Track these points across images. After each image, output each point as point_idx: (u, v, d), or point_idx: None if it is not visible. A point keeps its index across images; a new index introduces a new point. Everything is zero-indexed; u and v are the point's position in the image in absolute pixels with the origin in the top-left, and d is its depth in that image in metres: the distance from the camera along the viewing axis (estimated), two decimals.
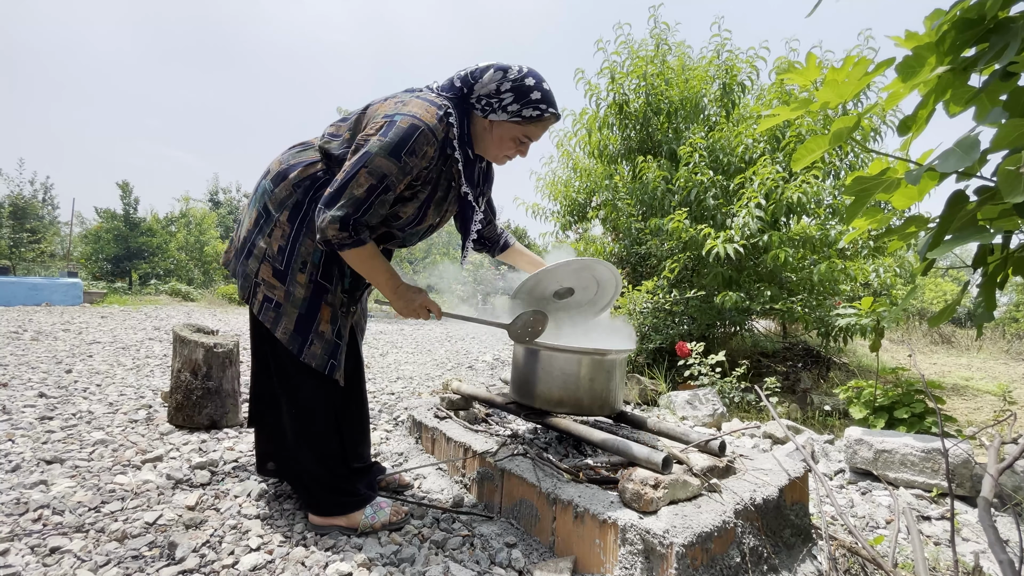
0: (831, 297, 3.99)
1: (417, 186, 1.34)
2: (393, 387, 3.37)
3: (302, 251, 1.36)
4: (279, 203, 1.37)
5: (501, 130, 1.36)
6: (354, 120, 1.38)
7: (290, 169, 1.39)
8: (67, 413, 2.31)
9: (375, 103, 1.37)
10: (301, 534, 1.41)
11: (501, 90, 1.31)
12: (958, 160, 0.84)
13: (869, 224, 1.36)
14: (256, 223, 1.40)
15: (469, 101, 1.36)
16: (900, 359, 6.33)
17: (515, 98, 1.31)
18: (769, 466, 1.55)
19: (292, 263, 1.35)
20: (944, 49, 0.90)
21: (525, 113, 1.32)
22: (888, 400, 2.50)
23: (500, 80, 1.31)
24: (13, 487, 1.56)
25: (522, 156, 1.44)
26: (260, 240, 1.38)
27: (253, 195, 1.46)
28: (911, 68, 0.95)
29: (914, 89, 1.01)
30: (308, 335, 1.36)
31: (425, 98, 1.31)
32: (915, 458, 1.95)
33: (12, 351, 3.68)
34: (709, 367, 3.29)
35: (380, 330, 7.26)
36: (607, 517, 1.20)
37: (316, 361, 1.36)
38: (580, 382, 1.66)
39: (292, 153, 1.44)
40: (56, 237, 14.19)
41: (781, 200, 3.58)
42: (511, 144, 1.39)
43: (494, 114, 1.34)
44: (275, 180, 1.39)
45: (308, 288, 1.36)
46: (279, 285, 1.36)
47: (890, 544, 1.56)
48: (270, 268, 1.36)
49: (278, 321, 1.35)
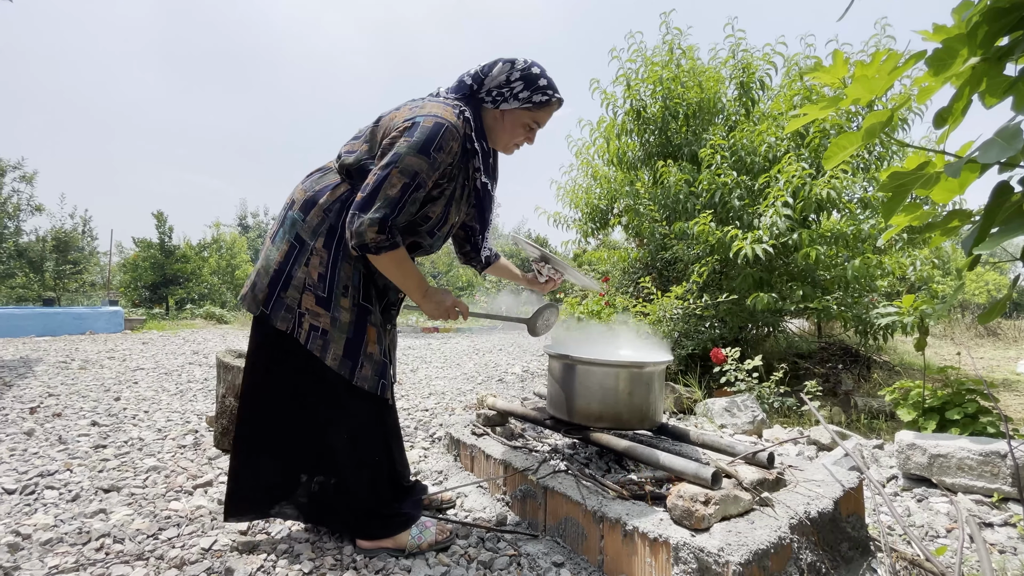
0: (868, 293, 3.88)
1: (443, 183, 1.42)
2: (426, 403, 3.40)
3: (342, 276, 1.38)
4: (312, 231, 1.39)
5: (512, 117, 1.46)
6: (368, 133, 1.43)
7: (317, 195, 1.41)
8: (119, 440, 2.40)
9: (385, 115, 1.42)
10: (351, 557, 1.43)
11: (511, 79, 1.42)
12: (1000, 150, 0.82)
13: (908, 220, 1.32)
14: (289, 254, 1.39)
15: (479, 96, 1.45)
16: (944, 354, 6.09)
17: (525, 85, 1.42)
18: (820, 477, 1.51)
19: (335, 289, 1.37)
20: (977, 40, 0.88)
21: (535, 99, 1.43)
22: (938, 401, 2.41)
23: (509, 71, 1.42)
24: (75, 516, 1.62)
25: (529, 143, 1.55)
26: (297, 271, 1.38)
27: (279, 228, 1.45)
28: (942, 61, 0.93)
29: (946, 82, 0.99)
30: (358, 358, 1.38)
31: (439, 100, 1.41)
32: (972, 462, 1.87)
33: (63, 380, 3.85)
34: (745, 372, 3.23)
35: (408, 345, 7.34)
36: (658, 535, 1.18)
37: (368, 383, 1.39)
38: (619, 396, 1.65)
39: (314, 180, 1.46)
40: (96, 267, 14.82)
41: (810, 197, 3.51)
42: (521, 131, 1.49)
43: (506, 103, 1.44)
44: (304, 208, 1.41)
45: (352, 312, 1.39)
46: (324, 312, 1.37)
47: (954, 554, 1.50)
48: (312, 297, 1.37)
49: (327, 348, 1.37)
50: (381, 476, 1.44)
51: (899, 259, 3.71)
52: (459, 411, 3.18)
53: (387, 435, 1.47)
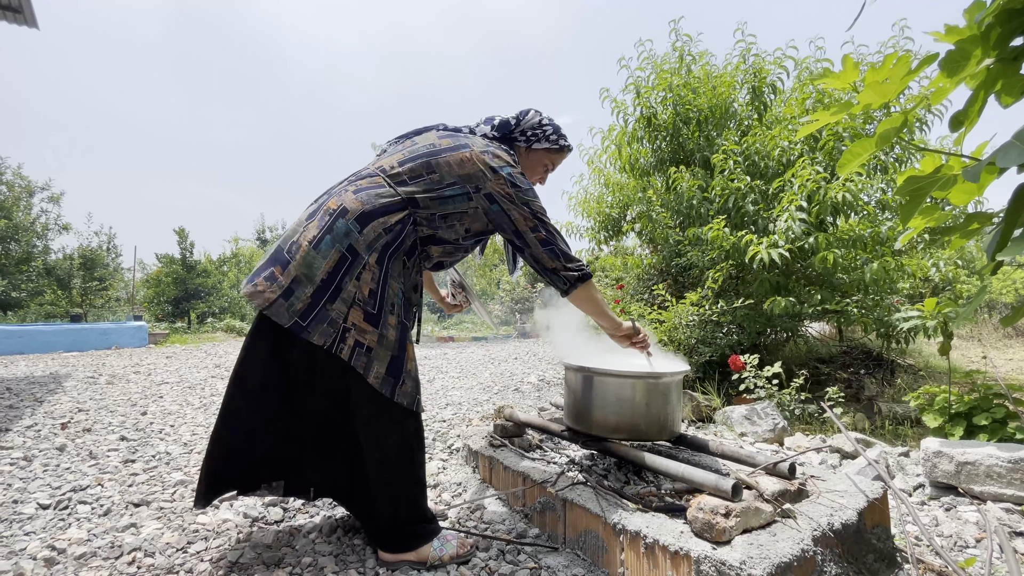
0: (889, 296, 3.81)
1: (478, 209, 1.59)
2: (443, 414, 3.42)
3: (390, 293, 1.40)
4: (368, 245, 1.37)
5: (536, 157, 1.71)
6: (425, 164, 1.48)
7: (376, 211, 1.39)
8: (147, 455, 2.46)
9: (446, 149, 1.50)
10: (374, 570, 1.45)
11: (543, 124, 1.69)
12: (1019, 153, 0.82)
13: (927, 223, 1.31)
14: (340, 265, 1.35)
15: (513, 135, 1.68)
16: (971, 356, 5.93)
17: (553, 130, 1.70)
18: (843, 487, 1.49)
19: (384, 306, 1.38)
20: (991, 42, 0.88)
21: (560, 143, 1.71)
22: (965, 406, 2.36)
23: (540, 118, 1.70)
24: (107, 531, 1.67)
25: (541, 184, 1.79)
26: (348, 283, 1.35)
27: (324, 234, 1.36)
28: (956, 63, 0.93)
29: (960, 83, 0.98)
30: (400, 376, 1.40)
31: (499, 147, 1.57)
32: (1001, 469, 1.83)
33: (91, 396, 3.96)
34: (765, 379, 3.19)
35: (424, 355, 7.38)
36: (679, 548, 1.18)
37: (407, 400, 1.41)
38: (636, 407, 1.65)
39: (370, 193, 1.42)
40: (121, 283, 15.21)
41: (825, 201, 3.47)
42: (540, 170, 1.74)
43: (538, 143, 1.69)
44: (361, 220, 1.37)
45: (398, 329, 1.41)
46: (371, 329, 1.36)
47: (983, 565, 1.46)
48: (361, 312, 1.35)
49: (370, 366, 1.36)
50: (407, 493, 1.46)
51: (920, 261, 3.65)
52: (476, 422, 3.20)
53: (416, 449, 1.49)
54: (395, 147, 1.59)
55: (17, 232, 10.79)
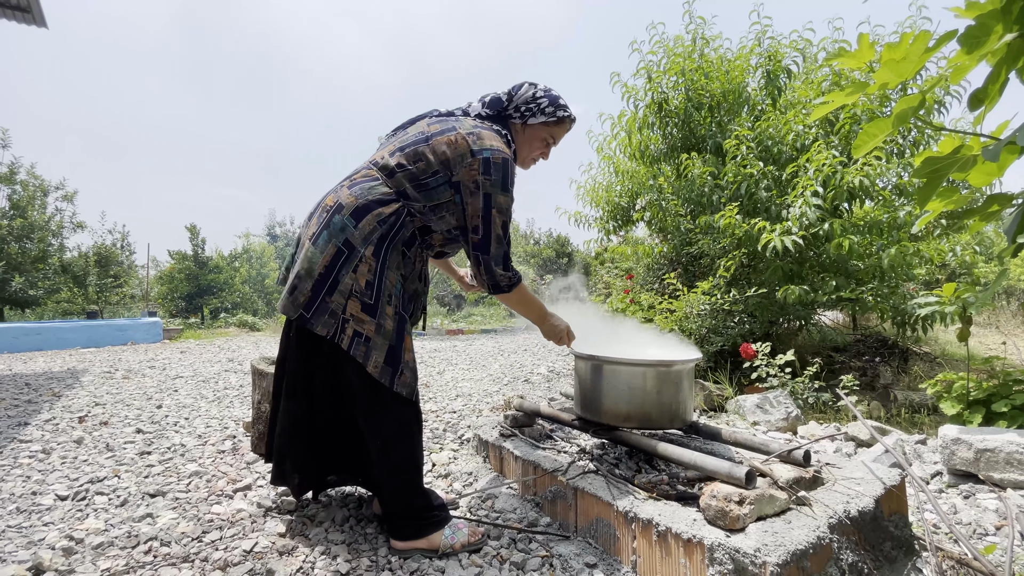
0: (905, 283, 3.74)
1: None
2: (453, 405, 3.43)
3: (387, 284, 1.41)
4: (363, 238, 1.39)
5: (533, 132, 1.63)
6: (413, 152, 1.46)
7: (369, 205, 1.41)
8: (163, 447, 2.49)
9: (434, 135, 1.47)
10: (386, 558, 1.45)
11: (537, 97, 1.61)
12: None
13: (945, 205, 1.27)
14: (336, 258, 1.39)
15: (507, 112, 1.61)
16: (989, 343, 5.81)
17: (549, 102, 1.61)
18: (860, 474, 1.46)
19: (381, 297, 1.39)
20: (1012, 16, 0.84)
21: (558, 113, 1.62)
22: (984, 393, 2.31)
23: (534, 90, 1.62)
24: (124, 521, 1.70)
25: (544, 159, 1.71)
26: (345, 276, 1.38)
27: (322, 230, 1.42)
28: (976, 39, 0.89)
29: (981, 60, 0.94)
30: (398, 366, 1.41)
31: (489, 128, 1.51)
32: (1022, 456, 1.79)
33: (108, 390, 4.02)
34: (777, 367, 3.15)
35: (434, 348, 7.41)
36: (692, 536, 1.17)
37: (406, 390, 1.42)
38: (647, 395, 1.63)
39: (364, 188, 1.44)
40: (135, 280, 15.40)
41: (841, 186, 3.40)
42: (539, 145, 1.66)
43: (533, 117, 1.61)
44: (356, 215, 1.40)
45: (395, 320, 1.42)
46: (369, 319, 1.38)
47: (1004, 552, 1.43)
48: (358, 303, 1.38)
49: (369, 356, 1.38)
50: (412, 480, 1.47)
51: (938, 246, 3.57)
52: (486, 412, 3.20)
53: (416, 434, 1.50)
54: (390, 139, 1.60)
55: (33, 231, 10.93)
